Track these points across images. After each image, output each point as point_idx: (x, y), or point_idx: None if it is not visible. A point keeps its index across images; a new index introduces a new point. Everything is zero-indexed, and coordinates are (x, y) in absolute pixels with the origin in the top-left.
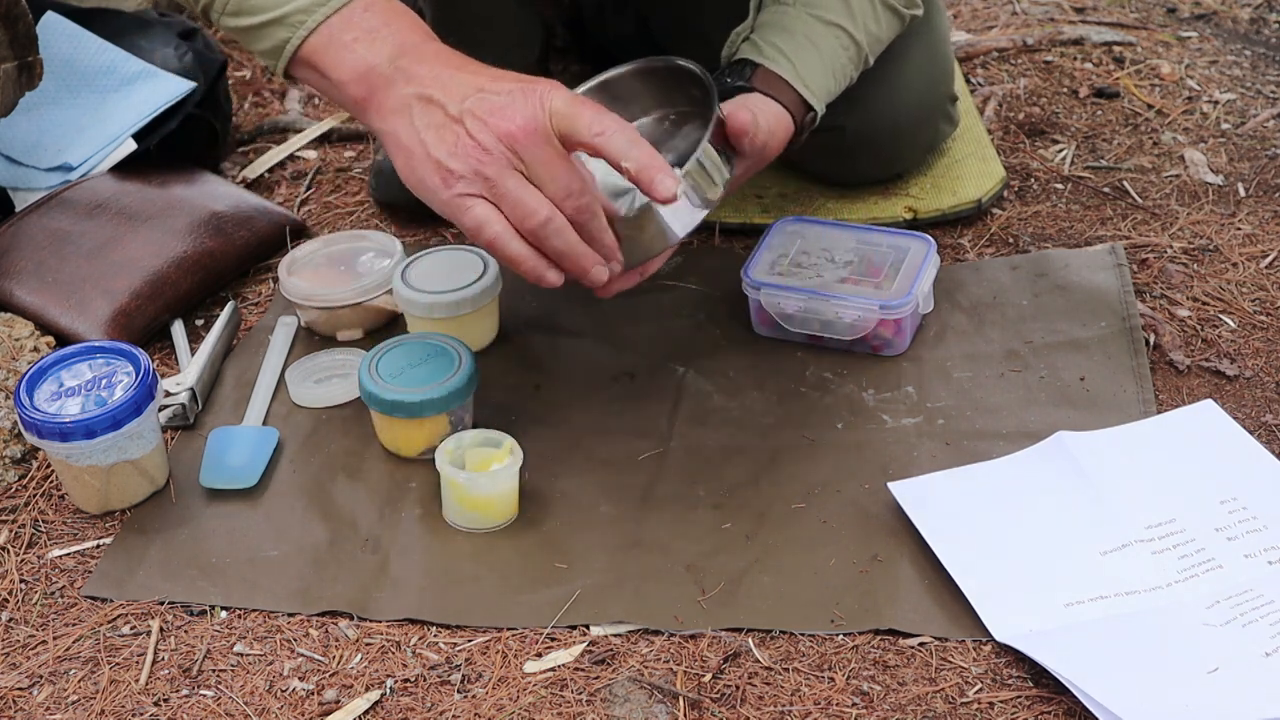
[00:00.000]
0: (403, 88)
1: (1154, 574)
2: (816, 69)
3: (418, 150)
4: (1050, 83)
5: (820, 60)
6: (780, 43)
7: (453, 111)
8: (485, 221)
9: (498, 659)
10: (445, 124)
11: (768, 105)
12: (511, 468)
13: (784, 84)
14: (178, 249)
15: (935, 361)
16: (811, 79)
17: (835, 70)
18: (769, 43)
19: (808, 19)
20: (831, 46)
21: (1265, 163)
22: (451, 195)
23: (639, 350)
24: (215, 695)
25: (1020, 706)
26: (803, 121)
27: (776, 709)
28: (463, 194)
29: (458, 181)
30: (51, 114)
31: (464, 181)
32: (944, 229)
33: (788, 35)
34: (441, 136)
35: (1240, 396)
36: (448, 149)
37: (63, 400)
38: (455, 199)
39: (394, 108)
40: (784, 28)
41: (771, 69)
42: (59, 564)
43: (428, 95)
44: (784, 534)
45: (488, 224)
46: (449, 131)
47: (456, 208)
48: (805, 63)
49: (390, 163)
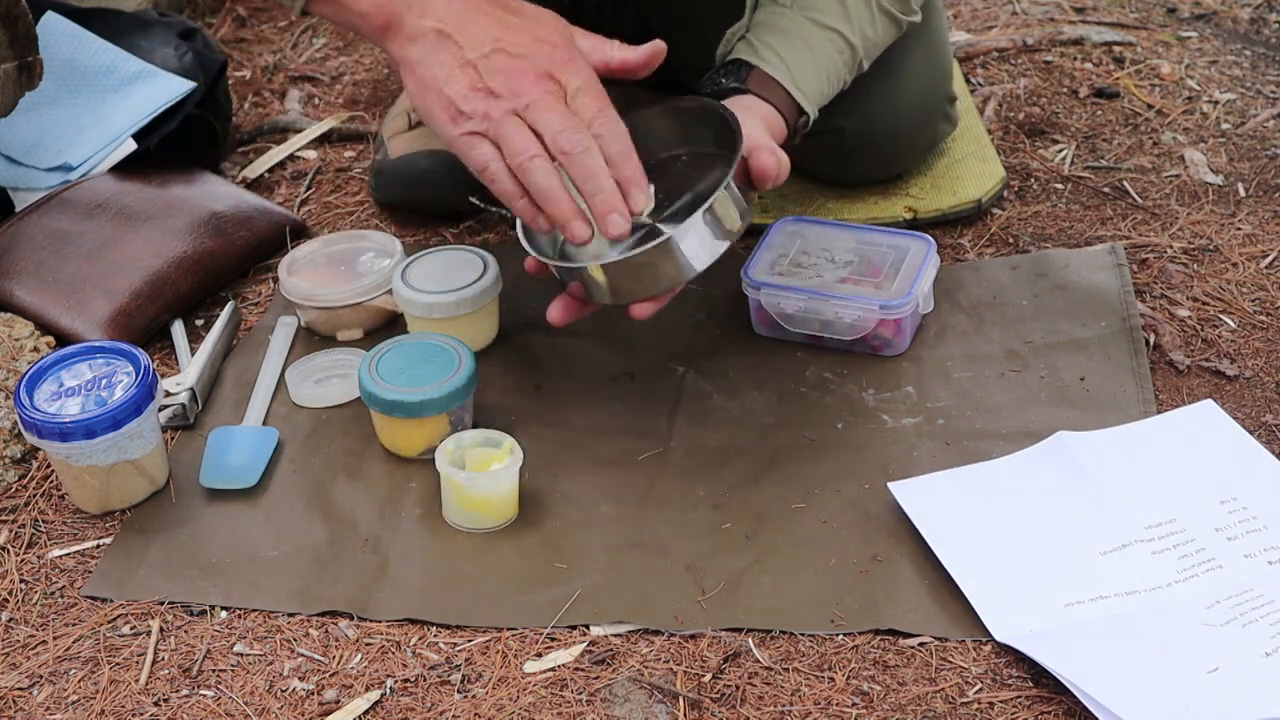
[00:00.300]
0: (421, 18)
1: (1154, 574)
2: (810, 72)
3: (430, 83)
4: (1050, 83)
5: (815, 64)
6: (775, 44)
7: (470, 56)
8: (489, 159)
9: (498, 659)
10: (461, 65)
11: (761, 108)
12: (511, 468)
13: (777, 86)
14: (178, 249)
15: (935, 361)
16: (805, 82)
17: (829, 74)
18: (764, 44)
19: (803, 21)
20: (826, 50)
21: (1265, 163)
22: (459, 132)
23: (639, 350)
24: (215, 695)
25: (1020, 706)
26: (795, 125)
27: (776, 709)
28: (469, 132)
29: (466, 120)
30: (51, 114)
31: (471, 121)
32: (944, 229)
33: (783, 37)
34: (455, 77)
35: (1240, 396)
36: (459, 90)
37: (63, 400)
38: (462, 136)
39: (411, 35)
40: (780, 29)
41: (767, 71)
42: (59, 564)
43: (446, 32)
44: (784, 534)
45: (491, 161)
46: (463, 73)
47: (464, 144)
48: (799, 66)
49: (389, 163)
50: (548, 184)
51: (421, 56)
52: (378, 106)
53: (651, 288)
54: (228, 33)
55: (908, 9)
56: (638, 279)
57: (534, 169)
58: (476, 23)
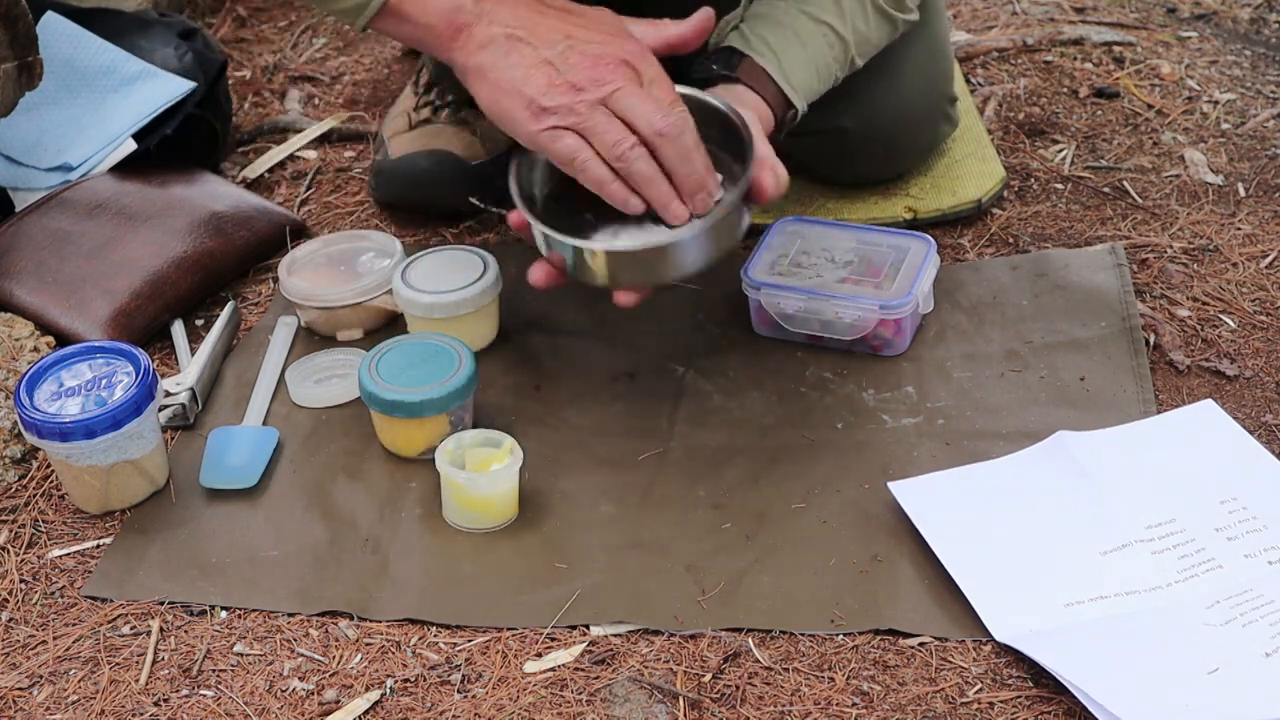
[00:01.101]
0: (490, 26)
1: (1154, 574)
2: (801, 66)
3: (507, 85)
4: (1050, 83)
5: (805, 57)
6: (768, 35)
7: (545, 55)
8: (575, 149)
9: (498, 659)
10: (538, 64)
11: (750, 98)
12: (511, 468)
13: (767, 78)
14: (178, 249)
15: (935, 361)
16: (794, 76)
17: (820, 69)
18: (757, 35)
19: (797, 14)
20: (818, 44)
21: (1265, 163)
22: (541, 128)
23: (639, 350)
24: (215, 695)
25: (1020, 706)
26: (783, 118)
27: (776, 709)
28: (552, 126)
29: (548, 116)
30: (51, 114)
31: (555, 116)
32: (944, 229)
33: (776, 28)
34: (532, 76)
35: (1240, 396)
36: (538, 88)
37: (63, 400)
38: (545, 131)
39: (481, 43)
40: (773, 20)
41: (758, 61)
42: (59, 564)
43: (518, 35)
44: (784, 534)
45: (578, 151)
46: (540, 72)
47: (547, 138)
48: (789, 59)
49: (390, 163)
50: (650, 170)
51: (494, 61)
52: (378, 106)
53: (642, 280)
54: (228, 33)
55: (903, 7)
56: (633, 270)
57: (635, 157)
58: (544, 24)
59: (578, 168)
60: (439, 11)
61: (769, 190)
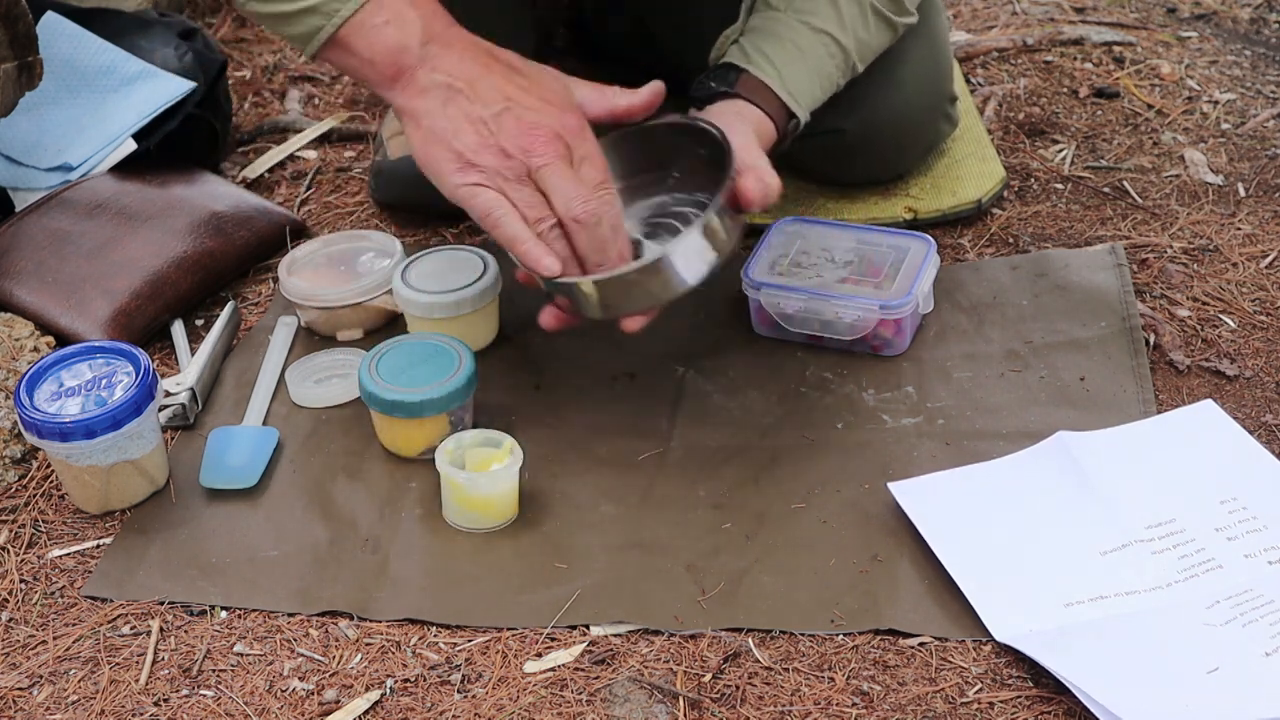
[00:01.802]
0: (432, 72)
1: (1154, 574)
2: (802, 76)
3: (438, 135)
4: (1050, 83)
5: (806, 68)
6: (767, 49)
7: (481, 113)
8: (492, 204)
9: (498, 659)
10: (473, 120)
11: (750, 111)
12: (511, 468)
13: (768, 90)
14: (178, 249)
15: (935, 361)
16: (796, 87)
17: (821, 77)
18: (756, 48)
19: (796, 25)
20: (819, 54)
21: (1265, 163)
22: (464, 182)
23: (639, 350)
24: (215, 695)
25: (1020, 706)
26: (785, 128)
27: (776, 709)
28: (475, 183)
29: (474, 172)
30: (51, 114)
31: (479, 174)
32: (944, 229)
33: (775, 41)
34: (464, 131)
35: (1240, 396)
36: (469, 143)
37: (63, 400)
38: (466, 186)
39: (422, 88)
40: (772, 33)
41: (757, 75)
42: (59, 564)
43: (458, 87)
44: (784, 534)
45: (495, 206)
46: (474, 129)
47: (467, 193)
48: (791, 70)
49: (389, 163)
50: (564, 252)
51: (430, 109)
52: (378, 106)
53: (640, 303)
54: (228, 33)
55: (902, 10)
56: (627, 295)
57: (553, 237)
58: (487, 80)
59: (494, 222)
60: (385, 50)
61: (753, 197)
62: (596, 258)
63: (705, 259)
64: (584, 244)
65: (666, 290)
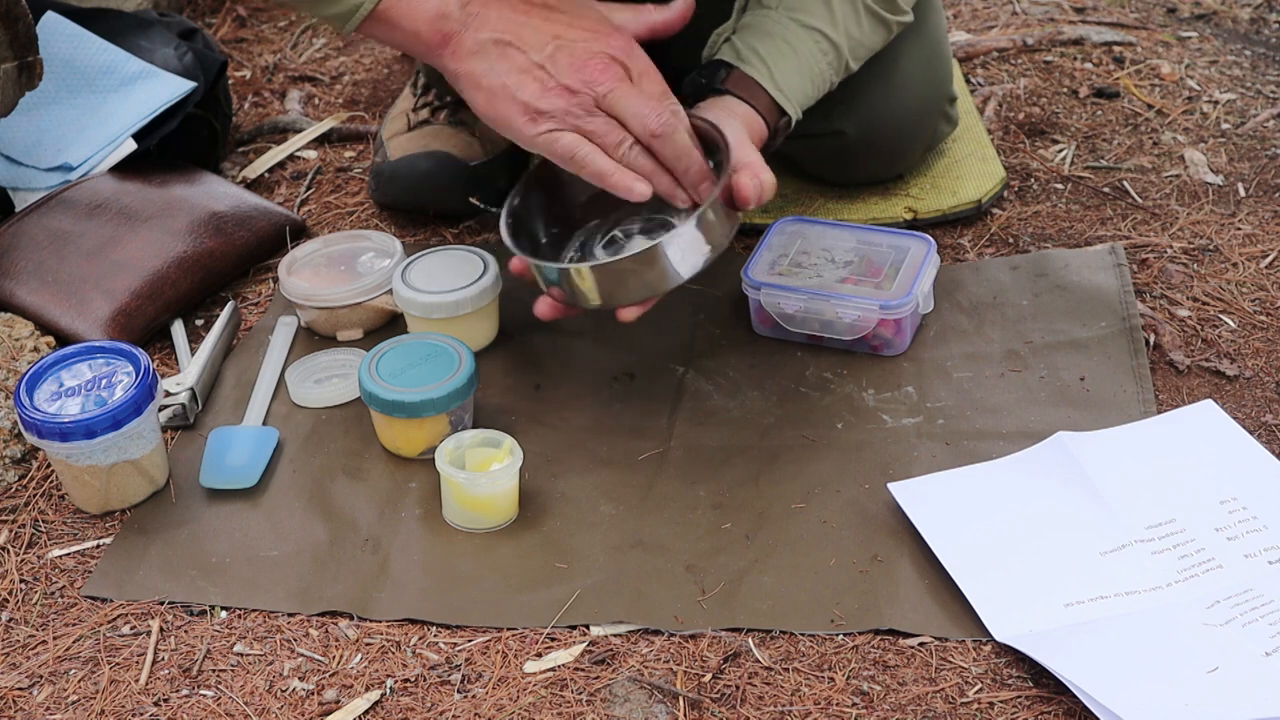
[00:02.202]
0: (478, 32)
1: (1154, 574)
2: (793, 74)
3: (501, 92)
4: (1050, 83)
5: (797, 65)
6: (759, 46)
7: (535, 59)
8: (575, 146)
9: (498, 659)
10: (529, 68)
11: (740, 108)
12: (511, 468)
13: (758, 88)
14: (178, 249)
15: (935, 361)
16: (787, 84)
17: (813, 76)
18: (747, 46)
19: (788, 23)
20: (810, 52)
21: (1265, 163)
22: (539, 131)
23: (639, 350)
24: (215, 695)
25: (1020, 706)
26: (776, 125)
27: (776, 709)
28: (550, 129)
29: (546, 120)
30: (51, 114)
31: (552, 119)
32: (944, 229)
33: (766, 39)
34: (525, 81)
35: (1240, 396)
36: (533, 92)
37: (63, 400)
38: (544, 134)
39: (471, 50)
40: (764, 31)
41: (747, 72)
42: (59, 564)
43: (506, 40)
44: (784, 534)
45: (577, 147)
46: (532, 76)
47: (545, 141)
48: (782, 68)
49: (389, 164)
50: (650, 165)
51: (486, 68)
52: (378, 106)
53: (634, 294)
54: (228, 33)
55: (896, 9)
56: (622, 284)
57: (635, 155)
58: (531, 25)
59: (579, 162)
60: (425, 18)
61: (749, 194)
62: (682, 165)
63: (700, 252)
64: (668, 155)
65: (662, 281)
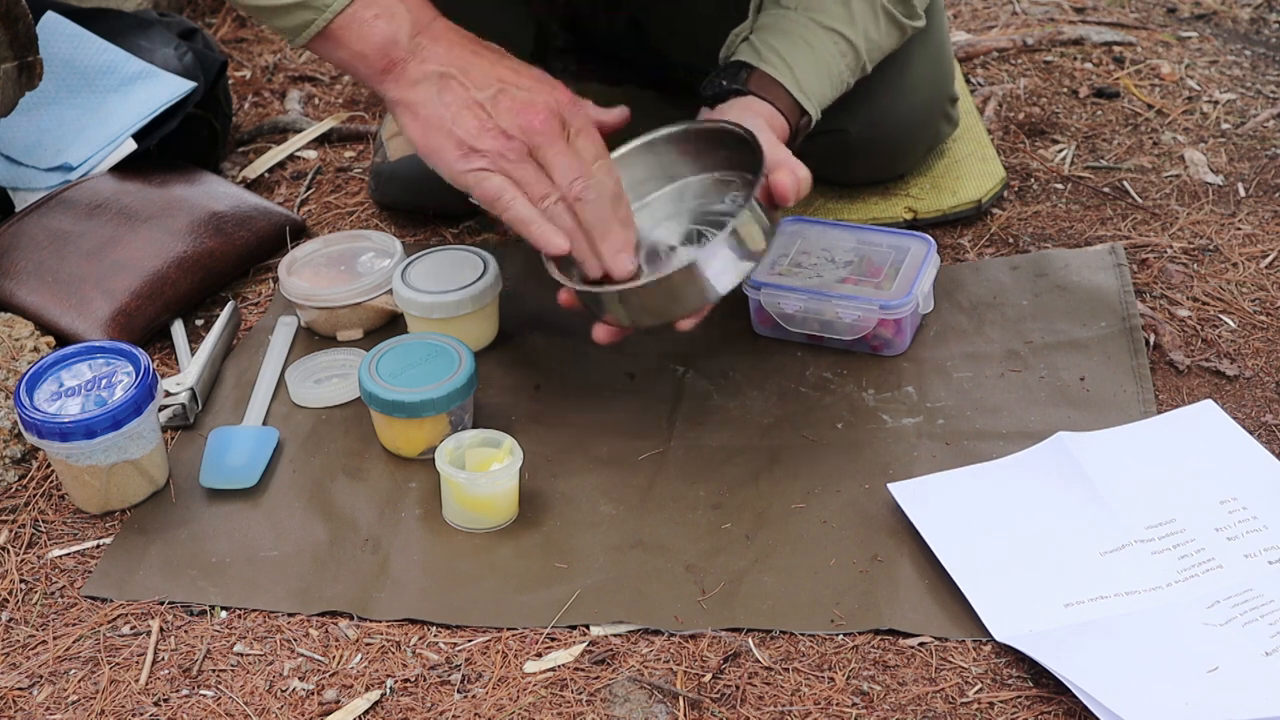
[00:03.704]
0: (423, 64)
1: (1154, 574)
2: (813, 74)
3: (437, 124)
4: (1050, 83)
5: (817, 65)
6: (779, 46)
7: (477, 96)
8: (501, 189)
9: (498, 659)
10: (469, 105)
11: (762, 108)
12: (511, 468)
13: (779, 88)
14: (178, 249)
15: (935, 361)
16: (807, 84)
17: (832, 76)
18: (767, 45)
19: (807, 23)
20: (829, 52)
21: (1265, 163)
22: (469, 168)
23: (639, 350)
24: (215, 695)
25: (1020, 706)
26: (797, 125)
27: (776, 709)
28: (480, 168)
29: (478, 158)
30: (51, 114)
31: (484, 159)
32: (944, 229)
33: (786, 39)
34: (463, 116)
35: (1240, 396)
36: (469, 129)
37: (63, 400)
38: (473, 171)
39: (414, 79)
40: (783, 31)
41: (768, 72)
42: (59, 564)
43: (451, 74)
44: (784, 534)
45: (503, 191)
46: (471, 113)
47: (475, 178)
48: (802, 67)
49: (389, 164)
50: (571, 226)
51: (426, 98)
52: (378, 106)
53: (679, 310)
54: (228, 33)
55: (911, 13)
56: (666, 302)
57: (558, 212)
58: (479, 65)
59: (503, 206)
60: (375, 43)
61: (788, 190)
62: (600, 229)
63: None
64: (587, 217)
65: (704, 295)
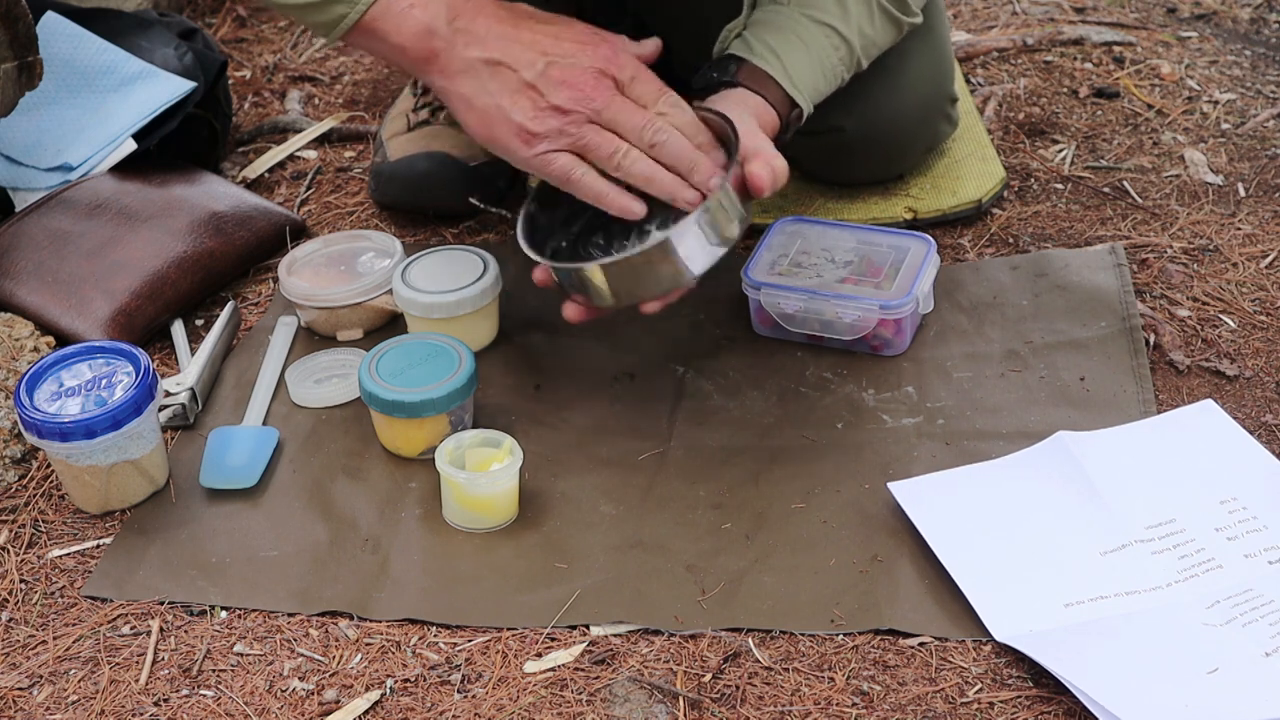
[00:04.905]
0: (466, 50)
1: (1154, 574)
2: (805, 67)
3: (494, 113)
4: (1050, 83)
5: (809, 59)
6: (770, 39)
7: (527, 77)
8: (570, 167)
9: (498, 659)
10: (521, 88)
11: (751, 100)
12: (511, 468)
13: (769, 80)
14: (178, 249)
15: (935, 361)
16: (799, 77)
17: (825, 70)
18: (759, 39)
19: (799, 18)
20: (822, 46)
21: (1265, 163)
22: (535, 153)
23: (639, 350)
24: (215, 695)
25: (1020, 706)
26: (789, 118)
27: (776, 709)
28: (546, 150)
29: (541, 141)
30: (51, 114)
31: (547, 140)
32: (944, 229)
33: (778, 33)
34: (518, 102)
35: (1240, 396)
36: (527, 113)
37: (63, 400)
38: (539, 156)
39: (460, 69)
40: (775, 25)
41: (758, 65)
42: (59, 564)
43: (495, 59)
44: (784, 534)
45: (573, 168)
46: (524, 97)
47: (541, 162)
48: (793, 61)
49: (389, 165)
50: (649, 168)
51: (476, 89)
52: (378, 106)
53: (651, 289)
54: (228, 33)
55: (907, 10)
56: (636, 280)
57: (632, 161)
58: (520, 41)
59: (574, 183)
60: (412, 33)
61: (763, 181)
62: (685, 163)
63: (712, 243)
64: (668, 160)
65: (676, 275)
